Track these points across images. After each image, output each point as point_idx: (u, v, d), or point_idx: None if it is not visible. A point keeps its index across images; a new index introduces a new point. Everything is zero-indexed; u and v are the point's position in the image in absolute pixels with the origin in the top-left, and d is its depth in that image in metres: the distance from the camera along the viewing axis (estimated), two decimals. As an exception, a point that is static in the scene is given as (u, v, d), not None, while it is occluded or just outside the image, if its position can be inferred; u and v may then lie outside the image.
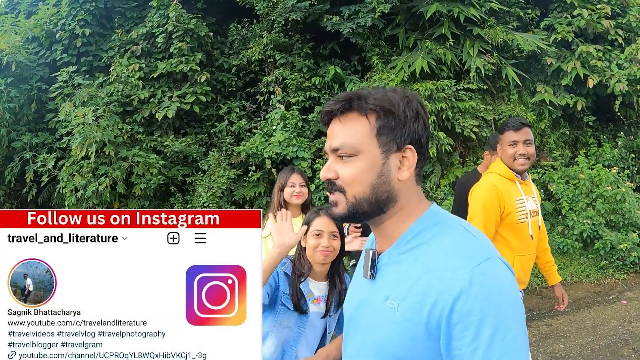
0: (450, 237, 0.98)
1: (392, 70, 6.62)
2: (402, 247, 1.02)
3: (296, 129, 6.37)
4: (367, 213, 1.02)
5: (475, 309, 0.85)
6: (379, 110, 1.00)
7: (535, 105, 7.29)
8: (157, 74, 6.91)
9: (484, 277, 0.88)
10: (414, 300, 0.93)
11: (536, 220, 2.71)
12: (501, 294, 0.88)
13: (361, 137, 0.99)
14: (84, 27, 7.41)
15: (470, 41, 6.75)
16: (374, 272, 1.06)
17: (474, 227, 1.03)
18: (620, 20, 7.67)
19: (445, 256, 0.93)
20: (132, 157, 6.15)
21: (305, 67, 6.90)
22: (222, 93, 7.30)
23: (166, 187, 6.47)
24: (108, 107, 6.47)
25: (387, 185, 1.00)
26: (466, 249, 0.94)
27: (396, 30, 7.04)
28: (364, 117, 1.00)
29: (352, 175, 0.99)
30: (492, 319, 0.85)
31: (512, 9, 7.56)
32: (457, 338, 0.87)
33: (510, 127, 2.64)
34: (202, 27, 7.08)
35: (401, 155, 1.01)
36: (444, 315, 0.88)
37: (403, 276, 0.98)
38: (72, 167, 6.32)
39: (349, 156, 1.00)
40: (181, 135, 6.92)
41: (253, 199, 6.33)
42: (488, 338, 0.85)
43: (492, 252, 0.95)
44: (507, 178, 2.64)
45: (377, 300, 1.02)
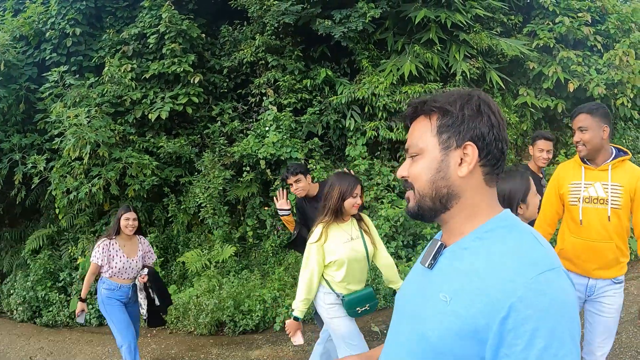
0: (516, 240, 0.97)
1: (381, 73, 6.77)
2: (466, 243, 1.02)
3: (289, 130, 6.48)
4: (432, 209, 1.06)
5: (533, 318, 0.83)
6: (438, 110, 1.06)
7: (518, 108, 7.55)
8: (149, 75, 6.89)
9: (546, 286, 0.86)
10: (467, 296, 0.93)
11: (596, 207, 2.71)
12: (561, 306, 0.85)
13: (423, 137, 1.07)
14: (74, 26, 7.33)
15: (456, 46, 6.94)
16: (434, 263, 1.08)
17: (543, 237, 1.01)
18: (600, 27, 7.99)
19: (508, 258, 0.92)
20: (126, 159, 6.13)
21: (296, 69, 7.00)
22: (214, 94, 7.34)
23: (159, 188, 6.49)
24: (100, 108, 6.44)
25: (445, 181, 1.04)
26: (531, 255, 0.92)
27: (385, 35, 7.19)
28: (427, 119, 1.08)
29: (416, 172, 1.07)
30: (547, 332, 0.83)
31: (496, 15, 7.78)
32: (508, 344, 0.85)
33: (571, 117, 2.84)
34: (194, 28, 7.10)
35: (462, 152, 1.03)
36: (498, 318, 0.86)
37: (461, 272, 0.98)
38: (62, 168, 6.26)
39: (415, 156, 1.09)
40: (173, 137, 6.93)
41: (246, 200, 6.43)
42: (540, 350, 0.82)
43: (558, 263, 0.93)
44: (576, 162, 2.83)
45: (431, 290, 1.03)
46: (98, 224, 6.51)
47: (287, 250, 6.21)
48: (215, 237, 6.06)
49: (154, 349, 5.14)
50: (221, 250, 5.93)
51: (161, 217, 6.56)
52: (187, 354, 4.95)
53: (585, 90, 7.36)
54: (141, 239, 4.32)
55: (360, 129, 6.61)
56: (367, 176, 6.46)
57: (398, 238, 5.99)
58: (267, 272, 6.00)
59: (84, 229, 6.49)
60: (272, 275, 5.85)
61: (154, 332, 5.54)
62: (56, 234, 6.79)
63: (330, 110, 6.75)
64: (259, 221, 6.42)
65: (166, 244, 6.40)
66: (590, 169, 2.74)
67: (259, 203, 6.38)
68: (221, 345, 5.05)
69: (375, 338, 4.75)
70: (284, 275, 5.79)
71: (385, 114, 6.54)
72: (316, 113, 6.75)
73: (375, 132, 6.47)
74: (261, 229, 6.40)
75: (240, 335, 5.29)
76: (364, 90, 6.44)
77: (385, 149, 6.77)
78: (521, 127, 7.50)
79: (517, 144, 7.66)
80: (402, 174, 1.12)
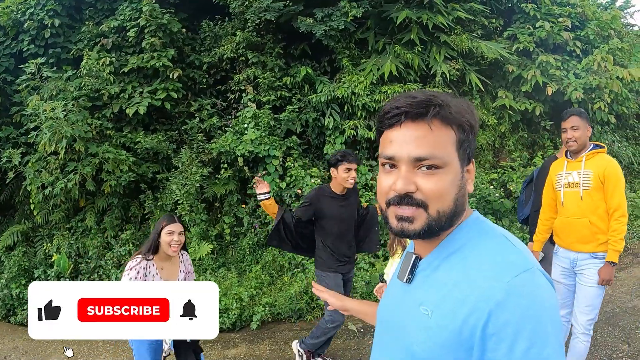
0: (490, 245, 0.95)
1: (361, 72, 6.79)
2: (442, 254, 1.00)
3: (268, 128, 6.47)
4: (443, 228, 0.98)
5: (512, 321, 0.83)
6: (465, 123, 0.97)
7: (496, 110, 7.63)
8: (128, 69, 6.82)
9: (523, 288, 0.85)
10: (448, 307, 0.91)
11: (572, 190, 3.35)
12: (540, 306, 0.85)
13: (448, 148, 0.95)
14: (53, 17, 7.23)
15: (437, 47, 6.99)
16: (412, 277, 1.05)
17: (515, 237, 1.00)
18: (579, 32, 8.12)
19: (484, 264, 0.91)
20: (103, 154, 6.04)
21: (276, 66, 6.98)
22: (193, 90, 7.28)
23: (136, 184, 6.42)
24: (77, 102, 6.34)
25: (463, 198, 0.99)
26: (506, 258, 0.91)
27: (366, 34, 7.21)
28: (448, 129, 0.96)
29: (440, 189, 0.94)
30: (529, 333, 0.82)
31: (477, 18, 7.85)
32: (491, 349, 0.85)
33: (562, 118, 3.41)
34: (174, 22, 7.03)
35: (467, 169, 1.00)
36: (479, 325, 0.86)
37: (439, 283, 0.97)
38: (38, 163, 6.15)
39: (435, 168, 0.94)
40: (150, 132, 6.85)
41: (223, 197, 6.41)
42: (523, 352, 0.82)
43: (532, 262, 0.91)
44: (563, 159, 3.51)
45: (411, 304, 1.01)
46: (74, 220, 6.44)
47: (264, 248, 6.22)
48: (192, 235, 6.03)
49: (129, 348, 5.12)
50: (198, 248, 5.91)
51: (138, 213, 6.51)
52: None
53: (563, 94, 7.47)
54: (183, 256, 3.37)
55: (339, 127, 6.63)
56: (346, 175, 6.47)
57: (375, 237, 6.03)
58: (244, 270, 6.00)
59: (60, 225, 6.42)
60: (249, 274, 5.86)
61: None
62: (31, 230, 6.69)
63: (309, 109, 6.76)
64: (236, 219, 6.41)
65: (142, 241, 6.35)
66: (570, 161, 3.40)
67: (237, 200, 6.37)
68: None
69: (353, 337, 4.79)
70: (261, 273, 5.80)
71: (365, 113, 6.57)
72: (295, 111, 6.75)
73: (354, 131, 6.50)
74: (238, 226, 6.39)
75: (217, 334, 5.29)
76: (344, 89, 6.45)
77: (364, 147, 6.80)
78: (499, 129, 7.59)
79: (495, 145, 7.75)
80: (409, 189, 0.95)
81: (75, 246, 6.14)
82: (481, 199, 6.68)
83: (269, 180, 6.21)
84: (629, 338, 4.40)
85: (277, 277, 5.86)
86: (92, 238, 6.14)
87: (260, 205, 4.32)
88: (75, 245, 6.15)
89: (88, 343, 4.96)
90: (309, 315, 5.28)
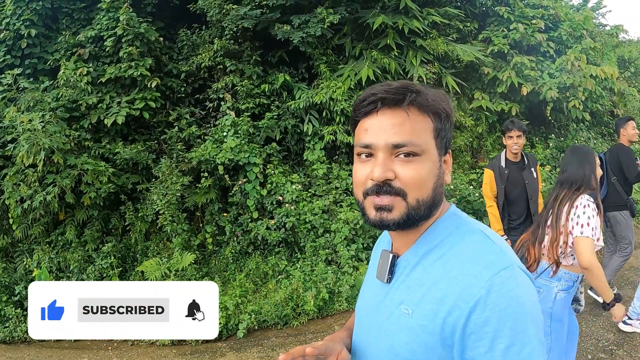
0: (469, 242, 0.94)
1: (339, 78, 6.86)
2: (420, 251, 0.99)
3: (247, 135, 6.49)
4: (422, 218, 0.96)
5: (492, 320, 0.82)
6: (441, 111, 0.96)
7: (473, 111, 7.76)
8: (105, 79, 6.77)
9: (502, 286, 0.84)
10: (429, 307, 0.91)
11: None
12: (520, 304, 0.84)
13: (424, 136, 0.94)
14: (30, 27, 7.17)
15: (413, 51, 7.08)
16: (391, 276, 1.03)
17: (494, 232, 0.99)
18: (553, 34, 8.29)
19: (463, 262, 0.90)
20: (81, 165, 5.99)
21: (254, 74, 7.00)
22: (171, 99, 7.25)
23: (116, 195, 6.38)
24: (54, 113, 6.29)
25: (441, 189, 0.97)
26: (485, 256, 0.90)
27: (343, 40, 7.27)
28: (425, 116, 0.95)
29: (418, 176, 0.93)
30: (509, 331, 0.82)
31: (452, 22, 7.97)
32: (471, 348, 0.85)
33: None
34: (152, 31, 7.01)
35: (444, 159, 1.00)
36: (460, 324, 0.85)
37: (419, 281, 0.95)
38: (16, 176, 6.08)
39: (413, 155, 0.93)
40: (129, 142, 6.81)
41: (204, 206, 6.41)
42: (503, 350, 0.82)
43: (512, 259, 0.90)
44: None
45: (392, 304, 1.00)
46: (53, 234, 6.37)
47: (247, 257, 6.25)
48: (174, 245, 6.02)
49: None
50: (180, 258, 5.90)
51: (118, 225, 6.47)
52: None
53: (538, 93, 7.63)
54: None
55: (318, 133, 6.68)
56: (326, 180, 6.54)
57: (358, 240, 6.10)
58: (228, 279, 6.01)
59: (39, 239, 6.35)
60: (233, 282, 5.87)
61: (115, 345, 5.49)
62: (10, 245, 6.60)
63: (288, 115, 6.80)
64: (218, 227, 6.42)
65: (124, 253, 6.31)
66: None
67: (218, 209, 6.37)
68: (184, 355, 5.04)
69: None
70: (245, 281, 5.82)
71: (343, 119, 6.63)
72: (274, 118, 6.78)
73: (333, 137, 6.56)
74: (220, 235, 6.40)
75: (204, 344, 5.28)
76: (322, 95, 6.50)
77: (343, 152, 6.86)
78: (477, 130, 7.71)
79: (473, 146, 7.87)
80: (387, 176, 0.93)
81: (56, 260, 6.08)
82: (461, 199, 6.77)
83: (249, 187, 6.24)
84: (613, 327, 4.54)
85: (262, 285, 5.89)
86: (73, 252, 6.09)
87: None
88: (56, 259, 6.09)
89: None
90: (295, 322, 5.32)
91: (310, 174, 6.65)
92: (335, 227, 6.07)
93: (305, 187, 6.50)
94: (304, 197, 6.26)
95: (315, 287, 5.46)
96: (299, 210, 6.14)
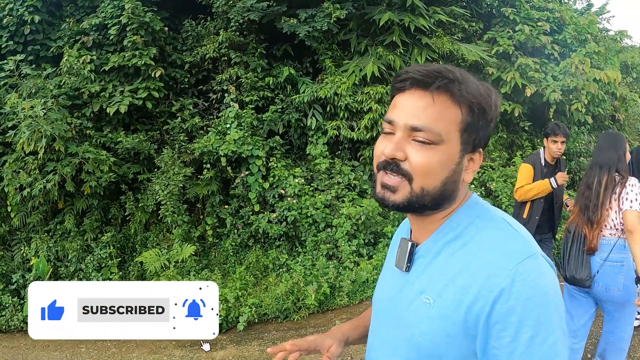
0: (492, 231, 0.93)
1: (343, 73, 6.83)
2: (441, 240, 0.97)
3: (250, 128, 6.46)
4: (425, 207, 0.94)
5: (517, 309, 0.82)
6: (475, 105, 0.91)
7: (477, 111, 7.74)
8: (109, 67, 6.70)
9: (526, 275, 0.84)
10: (451, 296, 0.89)
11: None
12: (544, 293, 0.83)
13: (449, 126, 0.90)
14: (33, 13, 7.05)
15: (418, 49, 7.06)
16: (410, 265, 1.02)
17: (516, 221, 0.98)
18: (557, 36, 8.31)
19: (487, 252, 0.89)
20: (82, 154, 5.93)
21: (259, 67, 6.97)
22: (174, 90, 7.20)
23: (116, 185, 6.33)
24: (56, 100, 6.23)
25: (454, 185, 0.94)
26: (509, 245, 0.89)
27: (349, 36, 7.25)
28: (456, 106, 0.91)
29: (427, 164, 0.90)
30: (533, 321, 0.82)
31: (458, 21, 7.96)
32: (495, 338, 0.84)
33: None
34: (157, 21, 6.95)
35: (471, 157, 0.96)
36: (484, 313, 0.85)
37: (440, 270, 0.94)
38: (15, 163, 6.00)
39: (428, 143, 0.90)
40: (131, 132, 6.76)
41: (206, 198, 6.37)
42: (527, 340, 0.81)
43: (535, 248, 0.90)
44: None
45: (412, 293, 0.98)
46: (52, 223, 6.30)
47: (248, 250, 6.22)
48: (174, 236, 5.98)
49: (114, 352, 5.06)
50: (180, 250, 5.87)
51: (118, 215, 6.42)
52: (149, 357, 4.89)
53: (541, 95, 7.62)
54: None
55: (321, 128, 6.67)
56: (328, 175, 6.52)
57: (359, 236, 6.08)
58: (228, 272, 5.98)
59: (38, 227, 6.27)
60: (233, 275, 5.83)
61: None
62: (8, 233, 6.53)
63: (292, 109, 6.77)
64: (219, 220, 6.39)
65: (123, 244, 6.27)
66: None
67: (219, 201, 6.34)
68: (184, 347, 5.01)
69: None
70: (245, 274, 5.79)
71: (347, 114, 6.62)
72: (278, 111, 6.75)
73: (336, 132, 6.54)
74: (221, 227, 6.36)
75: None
76: (326, 90, 6.48)
77: (346, 148, 6.84)
78: (479, 130, 7.70)
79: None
80: (396, 155, 0.91)
81: (54, 249, 6.02)
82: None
83: (252, 180, 6.21)
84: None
85: (262, 278, 5.86)
86: (72, 241, 6.03)
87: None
88: (54, 248, 6.03)
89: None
90: (295, 315, 5.30)
91: (313, 169, 6.62)
92: (337, 222, 6.04)
93: (307, 182, 6.47)
94: (306, 191, 6.23)
95: (316, 281, 5.44)
96: (301, 204, 6.11)
